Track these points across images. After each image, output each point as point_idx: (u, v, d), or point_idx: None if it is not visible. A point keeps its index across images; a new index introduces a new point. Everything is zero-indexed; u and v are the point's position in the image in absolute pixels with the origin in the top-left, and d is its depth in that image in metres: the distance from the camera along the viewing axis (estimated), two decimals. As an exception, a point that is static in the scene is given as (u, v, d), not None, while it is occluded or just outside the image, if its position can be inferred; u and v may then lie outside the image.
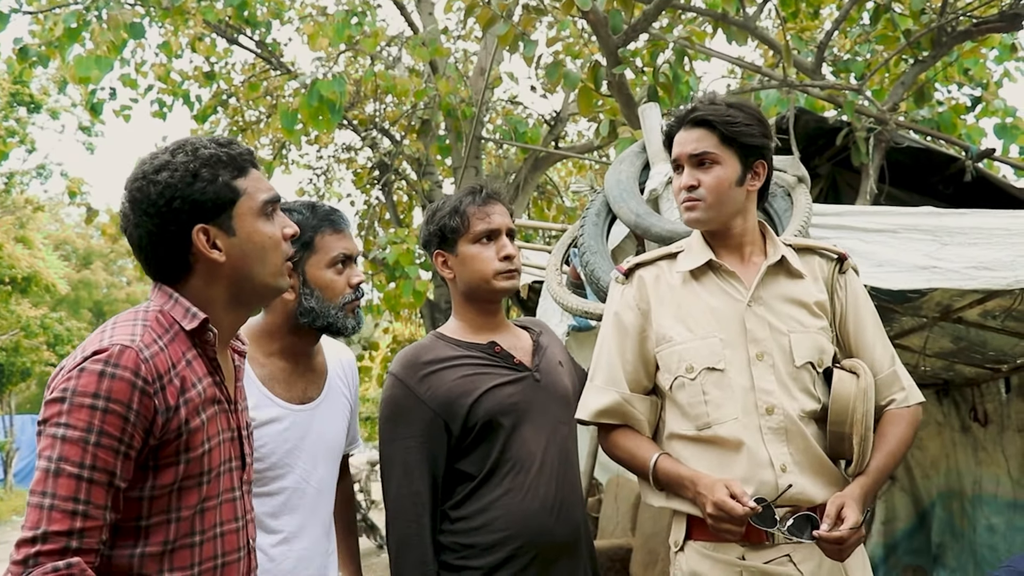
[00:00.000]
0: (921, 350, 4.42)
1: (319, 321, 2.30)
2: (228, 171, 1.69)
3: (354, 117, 10.21)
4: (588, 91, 4.99)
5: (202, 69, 10.24)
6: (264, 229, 1.72)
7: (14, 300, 21.80)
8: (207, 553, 1.65)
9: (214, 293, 1.71)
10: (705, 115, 2.16)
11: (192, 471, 1.62)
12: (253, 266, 1.71)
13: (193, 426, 1.61)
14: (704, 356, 2.15)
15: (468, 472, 2.30)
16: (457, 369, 2.33)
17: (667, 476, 2.15)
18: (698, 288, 2.21)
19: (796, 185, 3.07)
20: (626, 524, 6.02)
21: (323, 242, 2.31)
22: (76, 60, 7.55)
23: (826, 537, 1.97)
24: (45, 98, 16.97)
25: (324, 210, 2.36)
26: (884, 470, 2.15)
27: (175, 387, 1.59)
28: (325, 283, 2.30)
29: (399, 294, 7.85)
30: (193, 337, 1.67)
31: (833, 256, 2.28)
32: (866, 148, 4.31)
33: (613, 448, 2.27)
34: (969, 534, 5.10)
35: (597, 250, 3.10)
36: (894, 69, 6.07)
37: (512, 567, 2.24)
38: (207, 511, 1.65)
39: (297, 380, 2.35)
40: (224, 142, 1.74)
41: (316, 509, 2.34)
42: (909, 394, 2.22)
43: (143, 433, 1.54)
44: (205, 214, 1.66)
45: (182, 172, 1.66)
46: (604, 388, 2.25)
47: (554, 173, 12.21)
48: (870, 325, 2.25)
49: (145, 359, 1.55)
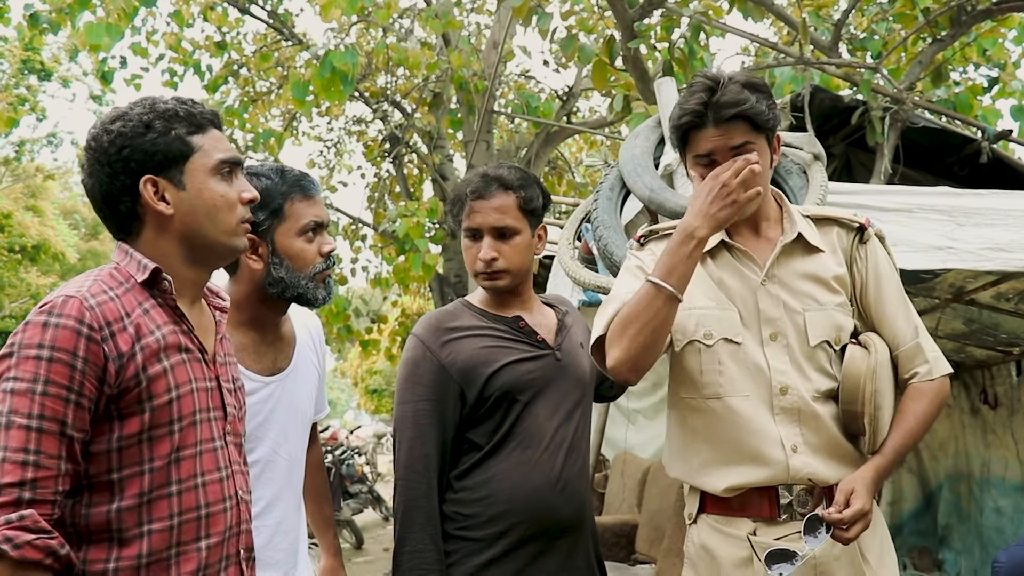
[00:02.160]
0: (933, 332, 4.39)
1: (289, 291, 2.22)
2: (183, 126, 1.70)
3: (366, 89, 10.17)
4: (603, 65, 4.96)
5: (213, 39, 10.21)
6: (216, 187, 1.72)
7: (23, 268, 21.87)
8: (188, 503, 1.64)
9: (166, 247, 1.71)
10: (739, 111, 2.01)
11: (160, 419, 1.61)
12: (202, 223, 1.71)
13: (153, 372, 1.60)
14: (724, 326, 2.11)
15: (476, 442, 2.28)
16: (480, 339, 2.31)
17: (663, 266, 1.97)
18: (712, 267, 2.17)
19: (812, 162, 3.04)
20: (632, 500, 6.03)
21: (293, 209, 2.22)
22: (87, 27, 7.52)
23: (828, 519, 1.94)
24: (56, 66, 16.95)
25: (294, 176, 2.26)
26: (901, 449, 2.10)
27: (129, 334, 1.59)
28: (295, 252, 2.22)
29: (408, 267, 7.85)
30: (151, 288, 1.68)
31: (854, 225, 2.19)
32: (881, 128, 4.27)
33: (615, 331, 2.03)
34: (976, 516, 5.10)
35: (611, 225, 3.08)
36: (911, 48, 6.00)
37: (511, 541, 2.22)
38: (183, 460, 1.64)
39: (266, 350, 2.29)
40: (186, 100, 1.75)
41: (289, 480, 2.31)
42: (933, 367, 2.15)
43: (95, 381, 1.54)
44: (155, 166, 1.67)
45: (135, 123, 1.68)
46: (616, 300, 2.09)
47: (565, 149, 12.15)
48: (892, 296, 2.17)
49: (90, 307, 1.56)
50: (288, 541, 2.31)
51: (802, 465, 2.06)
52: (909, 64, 5.48)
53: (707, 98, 2.04)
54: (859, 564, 2.08)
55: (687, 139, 2.11)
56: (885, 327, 2.16)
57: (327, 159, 12.02)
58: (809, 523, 1.97)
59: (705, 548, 2.15)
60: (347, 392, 41.49)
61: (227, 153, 1.75)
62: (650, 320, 1.98)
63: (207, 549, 1.67)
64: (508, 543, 2.22)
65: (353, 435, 14.58)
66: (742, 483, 2.08)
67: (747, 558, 2.07)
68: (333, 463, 10.45)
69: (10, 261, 20.90)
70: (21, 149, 19.36)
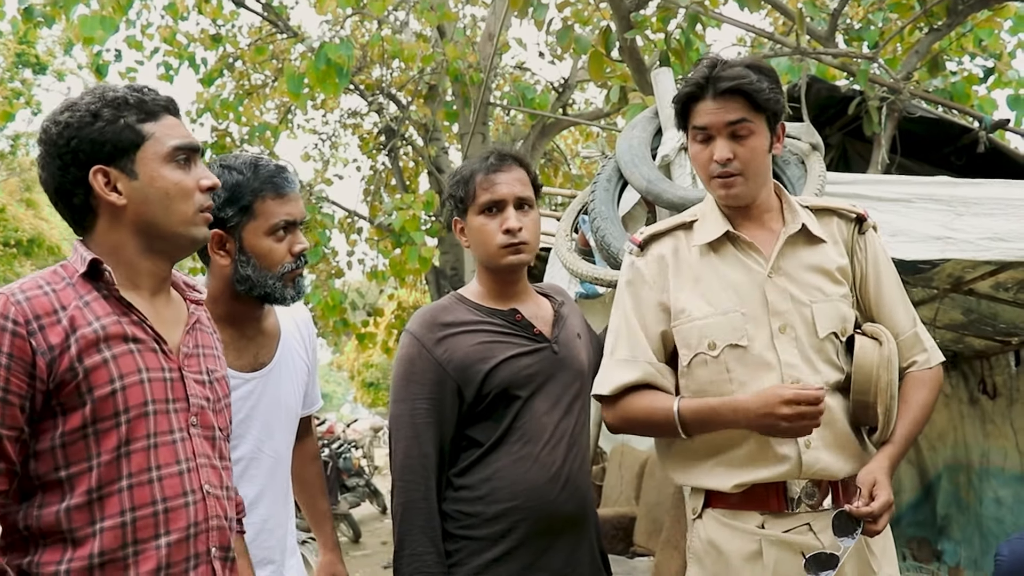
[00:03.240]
0: (931, 322, 4.38)
1: (256, 290, 2.17)
2: (134, 113, 1.66)
3: (361, 82, 10.14)
4: (599, 56, 4.93)
5: (208, 32, 10.16)
6: (169, 175, 1.68)
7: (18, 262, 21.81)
8: (141, 498, 1.58)
9: (121, 238, 1.68)
10: (738, 84, 2.03)
11: (103, 411, 1.57)
12: (156, 212, 1.67)
13: (90, 363, 1.56)
14: (727, 332, 2.09)
15: (476, 439, 2.25)
16: (476, 335, 2.25)
17: (696, 413, 2.06)
18: (716, 261, 2.14)
19: (810, 153, 3.03)
20: (630, 493, 6.02)
21: (263, 207, 2.15)
22: (81, 20, 7.50)
23: (858, 513, 1.94)
24: (51, 59, 16.87)
25: (267, 171, 2.18)
26: (910, 438, 2.11)
27: (62, 327, 1.56)
28: (263, 251, 2.16)
29: (405, 260, 7.85)
30: (95, 280, 1.64)
31: (852, 216, 2.20)
32: (878, 118, 4.25)
33: (627, 410, 2.16)
34: (975, 507, 5.10)
35: (608, 216, 3.06)
36: (908, 38, 5.99)
37: (515, 538, 2.19)
38: (133, 453, 1.58)
39: (247, 346, 2.25)
40: (139, 88, 1.71)
41: (274, 476, 2.29)
42: (931, 355, 2.17)
43: (24, 376, 1.52)
44: (105, 156, 1.64)
45: (83, 112, 1.65)
46: (630, 361, 2.15)
47: (561, 141, 12.13)
48: (891, 287, 2.19)
49: (16, 302, 1.54)
50: (275, 538, 2.29)
51: (814, 460, 2.05)
52: (906, 54, 5.46)
53: (709, 72, 2.06)
54: (865, 556, 2.08)
55: (688, 112, 2.12)
56: (884, 317, 2.17)
57: (322, 152, 11.98)
58: (839, 521, 1.96)
59: (712, 543, 2.12)
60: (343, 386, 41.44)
61: (182, 139, 1.70)
62: (656, 431, 2.18)
63: (167, 547, 1.60)
64: (512, 541, 2.19)
65: (350, 428, 14.58)
66: (754, 480, 2.06)
67: (756, 552, 2.06)
68: (330, 457, 10.44)
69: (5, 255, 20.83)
70: (16, 143, 19.28)
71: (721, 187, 2.10)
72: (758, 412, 1.96)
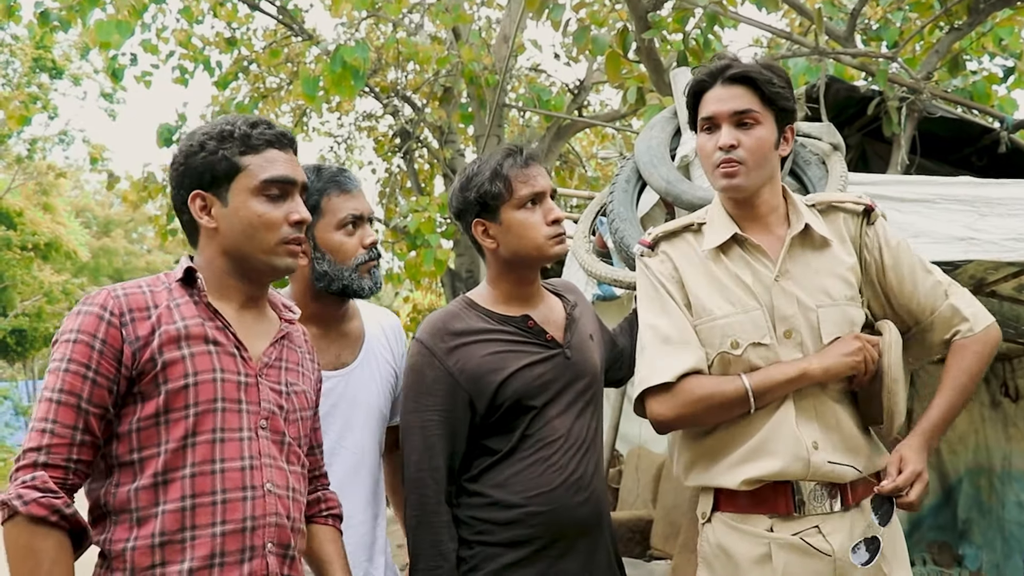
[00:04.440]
0: (952, 324, 4.34)
1: (334, 284, 2.28)
2: (236, 146, 1.81)
3: (376, 84, 10.15)
4: (616, 57, 4.91)
5: (223, 35, 10.20)
6: (255, 207, 1.81)
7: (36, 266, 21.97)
8: (202, 487, 1.70)
9: (214, 255, 1.84)
10: (747, 72, 2.05)
11: (175, 403, 1.70)
12: (239, 240, 1.82)
13: (169, 357, 1.71)
14: (749, 331, 2.07)
15: (490, 447, 2.22)
16: (488, 344, 2.21)
17: (761, 384, 2.04)
18: (727, 263, 2.13)
19: (831, 153, 2.99)
20: (647, 496, 6.00)
21: (330, 204, 2.28)
22: (97, 24, 7.53)
23: (884, 491, 1.97)
24: (67, 64, 16.98)
25: (330, 172, 2.32)
26: (947, 408, 2.09)
27: (150, 322, 1.73)
28: (335, 246, 2.28)
29: (420, 263, 7.84)
30: (190, 287, 1.81)
31: (858, 210, 2.17)
32: (898, 118, 4.21)
33: (692, 394, 2.08)
34: (997, 511, 5.04)
35: (627, 217, 3.04)
36: (928, 37, 5.93)
37: (531, 544, 2.17)
38: (199, 444, 1.71)
39: (328, 346, 2.32)
40: (255, 121, 1.86)
41: (356, 473, 2.32)
42: (975, 322, 2.12)
43: (113, 361, 1.69)
44: (205, 183, 1.81)
45: (193, 143, 1.83)
46: (684, 346, 2.11)
47: (576, 143, 12.11)
48: (910, 267, 2.14)
49: (116, 296, 1.73)
50: (358, 535, 2.31)
51: (821, 462, 2.04)
52: (925, 54, 5.41)
53: (720, 64, 2.09)
54: (877, 559, 2.05)
55: (697, 106, 2.13)
56: (913, 299, 2.14)
57: (337, 155, 12.00)
58: (875, 504, 2.00)
59: (721, 547, 2.12)
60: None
61: (275, 174, 1.83)
62: (722, 413, 2.09)
63: (222, 536, 1.70)
64: (528, 546, 2.16)
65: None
66: (761, 475, 2.05)
67: (765, 555, 2.05)
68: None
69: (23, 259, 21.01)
70: (33, 147, 19.41)
71: (723, 176, 2.08)
72: (840, 351, 2.03)
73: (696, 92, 2.13)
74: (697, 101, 2.13)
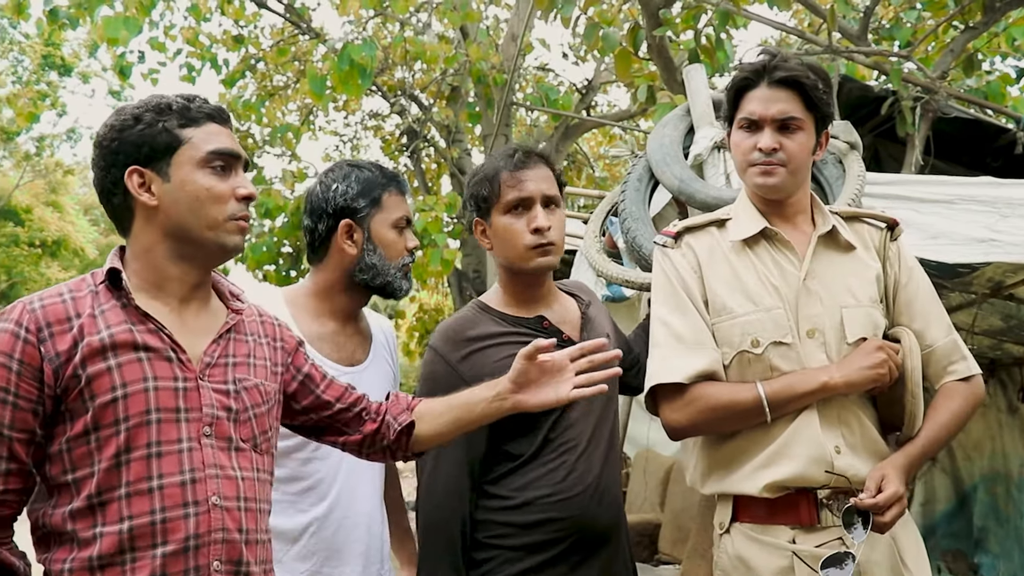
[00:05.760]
0: (969, 328, 4.27)
1: (378, 279, 2.31)
2: (175, 118, 1.70)
3: (383, 83, 10.12)
4: (626, 55, 4.85)
5: (231, 33, 10.18)
6: (201, 180, 1.70)
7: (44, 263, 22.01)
8: (140, 507, 1.58)
9: (152, 240, 1.71)
10: (795, 76, 2.01)
11: (104, 419, 1.58)
12: (185, 216, 1.69)
13: (93, 371, 1.58)
14: (770, 330, 2.02)
15: (510, 452, 2.17)
16: (503, 348, 2.15)
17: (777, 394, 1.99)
18: (752, 258, 2.09)
19: (848, 152, 2.93)
20: (654, 499, 5.94)
21: (390, 201, 2.33)
22: (104, 21, 7.53)
23: (862, 505, 1.89)
24: (76, 61, 16.98)
25: (392, 172, 2.39)
26: (933, 441, 2.05)
27: (71, 334, 1.60)
28: (389, 241, 2.32)
29: (427, 262, 7.80)
30: (116, 289, 1.67)
31: (882, 225, 2.16)
32: (912, 118, 4.15)
33: (705, 400, 2.03)
34: (1015, 519, 4.97)
35: (639, 217, 2.98)
36: (942, 37, 5.87)
37: (550, 550, 2.12)
38: (133, 462, 1.59)
39: (345, 342, 2.33)
40: (190, 96, 1.75)
41: (368, 471, 2.31)
42: (971, 364, 2.11)
43: (34, 381, 1.57)
44: (142, 158, 1.68)
45: (127, 116, 1.70)
46: (698, 346, 2.06)
47: (584, 144, 12.06)
48: (926, 293, 2.13)
49: (32, 310, 1.60)
50: (371, 535, 2.31)
51: (846, 467, 1.99)
52: (938, 54, 5.35)
53: (766, 61, 2.04)
54: (899, 568, 2.02)
55: (738, 102, 2.08)
56: (918, 324, 2.11)
57: (343, 154, 11.98)
58: (846, 517, 1.92)
59: (740, 559, 2.05)
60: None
61: (220, 145, 1.72)
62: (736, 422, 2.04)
63: (163, 557, 1.58)
64: (547, 552, 2.12)
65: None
66: (782, 479, 1.99)
67: (787, 567, 1.99)
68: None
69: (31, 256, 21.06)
70: (41, 144, 19.43)
71: (760, 175, 2.05)
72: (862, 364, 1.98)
73: (739, 88, 2.09)
74: (738, 97, 2.09)
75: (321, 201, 2.32)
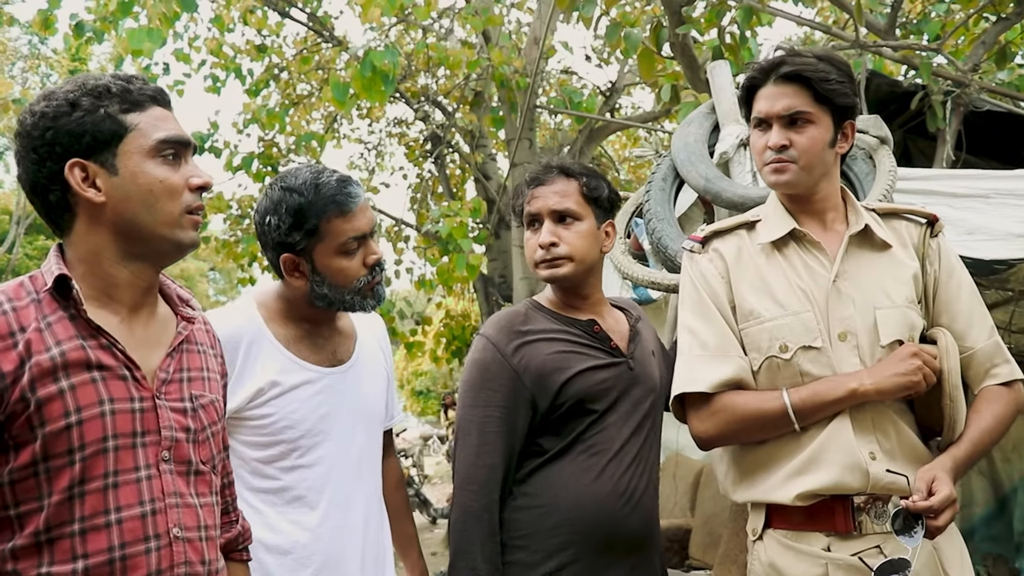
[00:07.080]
0: (1006, 326, 4.19)
1: (335, 306, 2.18)
2: (116, 103, 1.52)
3: (407, 90, 10.12)
4: (649, 54, 4.79)
5: (254, 43, 10.20)
6: (153, 171, 1.52)
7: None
8: (95, 545, 1.42)
9: (99, 241, 1.52)
10: (799, 69, 1.97)
11: (55, 447, 1.41)
12: (138, 211, 1.52)
13: (44, 394, 1.40)
14: (799, 334, 1.97)
15: (542, 446, 2.15)
16: (553, 343, 2.16)
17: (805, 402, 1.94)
18: (781, 260, 2.04)
19: (878, 147, 2.87)
20: (685, 504, 5.88)
21: (330, 228, 2.10)
22: (129, 33, 7.58)
23: (915, 508, 1.81)
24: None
25: (329, 188, 2.11)
26: (978, 444, 1.98)
27: (16, 352, 1.41)
28: (335, 270, 2.13)
29: (452, 268, 7.75)
30: (65, 298, 1.49)
31: (922, 220, 2.10)
32: (943, 113, 4.07)
33: (730, 409, 2.00)
34: (1058, 523, 4.86)
35: (664, 217, 2.93)
36: (973, 28, 5.76)
37: (573, 552, 2.09)
38: (88, 495, 1.43)
39: (324, 342, 2.23)
40: (125, 76, 1.57)
41: (361, 477, 2.24)
42: (1013, 368, 2.04)
43: None
44: (83, 149, 1.50)
45: (60, 101, 1.51)
46: (723, 355, 2.03)
47: (608, 146, 12.01)
48: (968, 292, 2.07)
49: None
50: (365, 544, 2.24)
51: (881, 473, 1.92)
52: (969, 46, 5.25)
53: (774, 59, 2.02)
54: (940, 574, 1.95)
55: (751, 103, 2.07)
56: (959, 324, 2.04)
57: (368, 161, 12.00)
58: (900, 522, 1.84)
59: (773, 567, 2.01)
60: (393, 394, 41.68)
61: (170, 132, 1.56)
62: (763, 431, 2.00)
63: None
64: (570, 554, 2.08)
65: (399, 438, 14.57)
66: (815, 488, 1.93)
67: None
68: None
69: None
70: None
71: (772, 172, 2.03)
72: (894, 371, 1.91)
73: (749, 88, 2.07)
74: (751, 97, 2.07)
75: (260, 233, 2.16)
